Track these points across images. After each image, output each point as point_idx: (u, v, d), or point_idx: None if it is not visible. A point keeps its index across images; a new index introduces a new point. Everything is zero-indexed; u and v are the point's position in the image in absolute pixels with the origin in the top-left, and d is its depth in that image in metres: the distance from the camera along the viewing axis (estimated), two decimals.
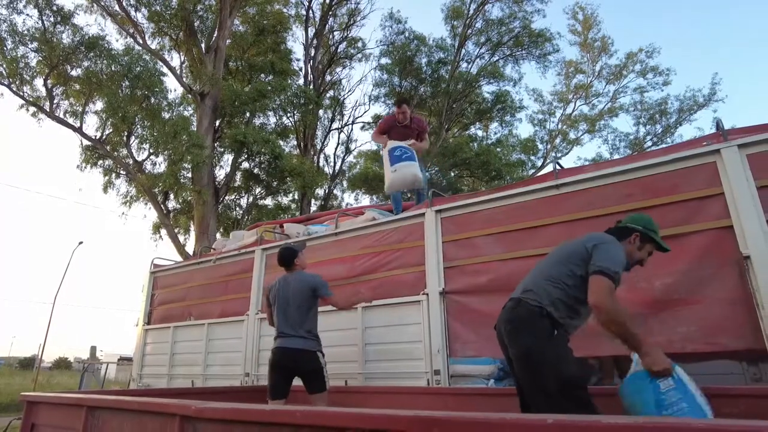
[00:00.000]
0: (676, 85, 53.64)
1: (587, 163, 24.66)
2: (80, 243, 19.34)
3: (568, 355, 2.15)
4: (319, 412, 1.36)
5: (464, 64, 20.43)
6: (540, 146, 24.72)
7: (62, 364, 56.22)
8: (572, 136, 25.06)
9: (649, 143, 23.08)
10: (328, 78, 20.77)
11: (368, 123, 21.46)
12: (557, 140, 25.16)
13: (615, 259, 2.18)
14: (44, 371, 26.77)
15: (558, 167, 3.67)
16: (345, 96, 20.76)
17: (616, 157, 23.76)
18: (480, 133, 23.88)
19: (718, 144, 3.10)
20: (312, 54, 19.63)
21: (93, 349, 18.47)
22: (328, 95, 20.51)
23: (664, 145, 20.69)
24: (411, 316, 3.94)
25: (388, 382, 3.94)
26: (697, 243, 3.08)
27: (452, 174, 23.07)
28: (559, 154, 25.12)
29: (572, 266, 2.26)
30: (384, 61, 20.41)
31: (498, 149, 23.41)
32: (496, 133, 23.87)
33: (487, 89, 20.40)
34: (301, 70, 19.31)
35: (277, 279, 3.78)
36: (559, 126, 25.14)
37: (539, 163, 24.57)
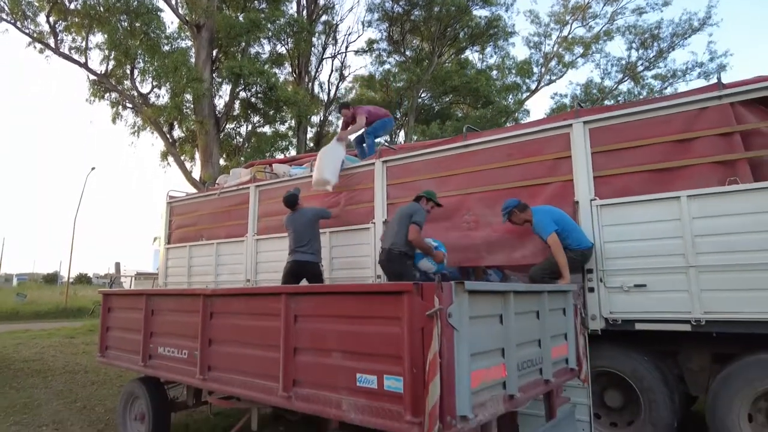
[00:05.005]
0: (674, 7, 51.04)
1: (578, 87, 25.10)
2: (93, 168, 20.74)
3: (411, 270, 4.56)
4: (264, 288, 2.81)
5: None
6: (535, 69, 24.89)
7: (83, 279, 60.51)
8: (567, 59, 25.10)
9: (641, 68, 23.33)
10: (321, 2, 20.75)
11: (362, 49, 21.77)
12: (552, 63, 25.25)
13: (420, 217, 4.51)
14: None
15: (468, 131, 4.93)
16: (338, 22, 20.83)
17: (607, 82, 24.18)
18: (477, 55, 24.00)
19: (572, 119, 4.32)
20: None
21: (117, 265, 20.65)
22: (321, 20, 20.64)
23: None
24: (363, 238, 5.41)
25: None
26: (552, 190, 4.42)
27: (446, 100, 23.69)
28: (554, 77, 25.39)
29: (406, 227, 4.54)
30: None
31: (494, 72, 23.76)
32: (491, 56, 24.02)
33: (480, 14, 20.42)
34: None
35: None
36: (555, 48, 25.09)
37: (533, 86, 25.01)
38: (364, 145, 6.37)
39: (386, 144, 5.75)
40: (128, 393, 4.45)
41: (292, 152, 18.54)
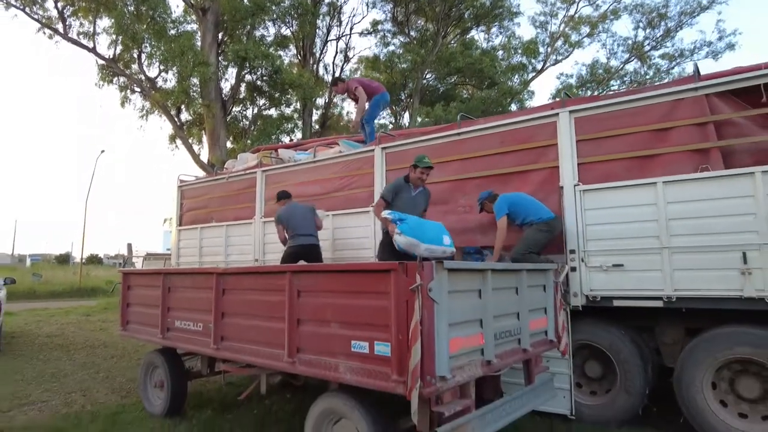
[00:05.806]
0: None
1: (584, 67, 24.96)
2: (102, 151, 21.13)
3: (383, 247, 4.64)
4: (271, 267, 3.14)
5: None
6: (541, 49, 24.72)
7: (94, 259, 61.91)
8: (574, 38, 24.88)
9: (648, 48, 23.12)
10: None
11: (367, 30, 21.74)
12: (558, 42, 25.06)
13: (385, 189, 4.74)
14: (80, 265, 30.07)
15: (462, 119, 5.18)
16: (342, 3, 20.77)
17: (613, 62, 24.01)
18: (482, 35, 23.85)
19: (559, 109, 4.56)
20: None
21: (129, 246, 21.17)
22: (326, 1, 20.59)
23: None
24: (363, 221, 5.74)
25: None
26: (540, 176, 4.69)
27: (451, 81, 23.65)
28: (560, 57, 25.23)
29: None
30: None
31: (500, 52, 23.66)
32: (496, 36, 23.89)
33: None
34: None
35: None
36: (561, 28, 24.85)
37: (539, 67, 24.88)
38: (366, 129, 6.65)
39: (384, 132, 5.99)
40: (148, 363, 4.86)
41: (298, 135, 18.78)
